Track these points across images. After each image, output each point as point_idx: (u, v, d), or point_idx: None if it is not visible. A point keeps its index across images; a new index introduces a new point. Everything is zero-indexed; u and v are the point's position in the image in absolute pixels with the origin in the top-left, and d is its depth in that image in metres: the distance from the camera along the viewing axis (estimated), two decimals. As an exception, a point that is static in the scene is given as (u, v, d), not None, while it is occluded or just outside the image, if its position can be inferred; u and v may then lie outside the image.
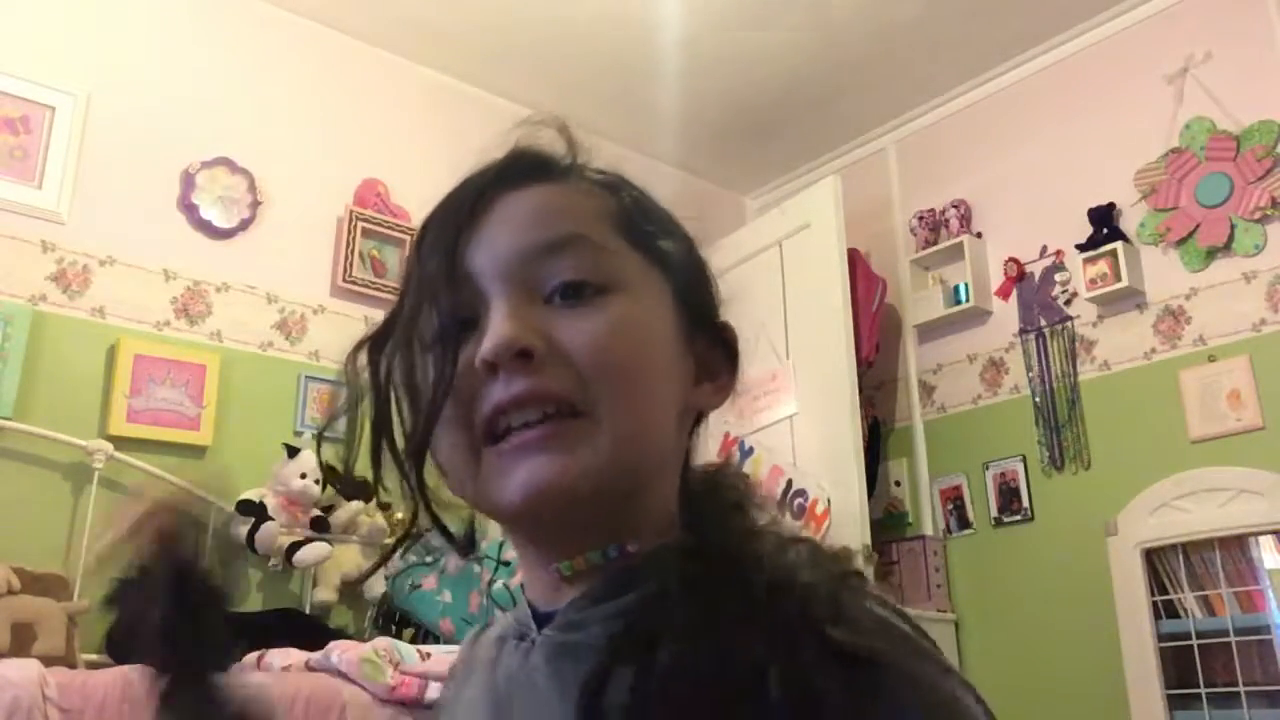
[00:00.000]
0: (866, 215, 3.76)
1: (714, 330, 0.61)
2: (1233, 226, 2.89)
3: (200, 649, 0.63)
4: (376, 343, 0.58)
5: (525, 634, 0.57)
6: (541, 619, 0.56)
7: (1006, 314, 3.44)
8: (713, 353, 0.60)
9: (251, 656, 2.14)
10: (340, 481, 2.83)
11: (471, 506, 0.55)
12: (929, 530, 3.49)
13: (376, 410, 0.57)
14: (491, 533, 2.96)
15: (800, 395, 3.33)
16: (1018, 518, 3.28)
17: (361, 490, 2.83)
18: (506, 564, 2.55)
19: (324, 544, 2.67)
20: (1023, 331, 3.37)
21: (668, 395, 0.55)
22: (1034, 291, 3.37)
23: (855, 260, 3.53)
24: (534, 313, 0.53)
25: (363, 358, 0.58)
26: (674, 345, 0.57)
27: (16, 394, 2.47)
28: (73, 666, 2.07)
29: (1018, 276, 3.42)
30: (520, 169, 0.58)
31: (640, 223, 0.58)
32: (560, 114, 0.63)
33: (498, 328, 0.52)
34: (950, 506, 3.47)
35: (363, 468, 0.58)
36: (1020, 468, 3.29)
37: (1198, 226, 2.97)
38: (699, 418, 0.61)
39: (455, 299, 0.54)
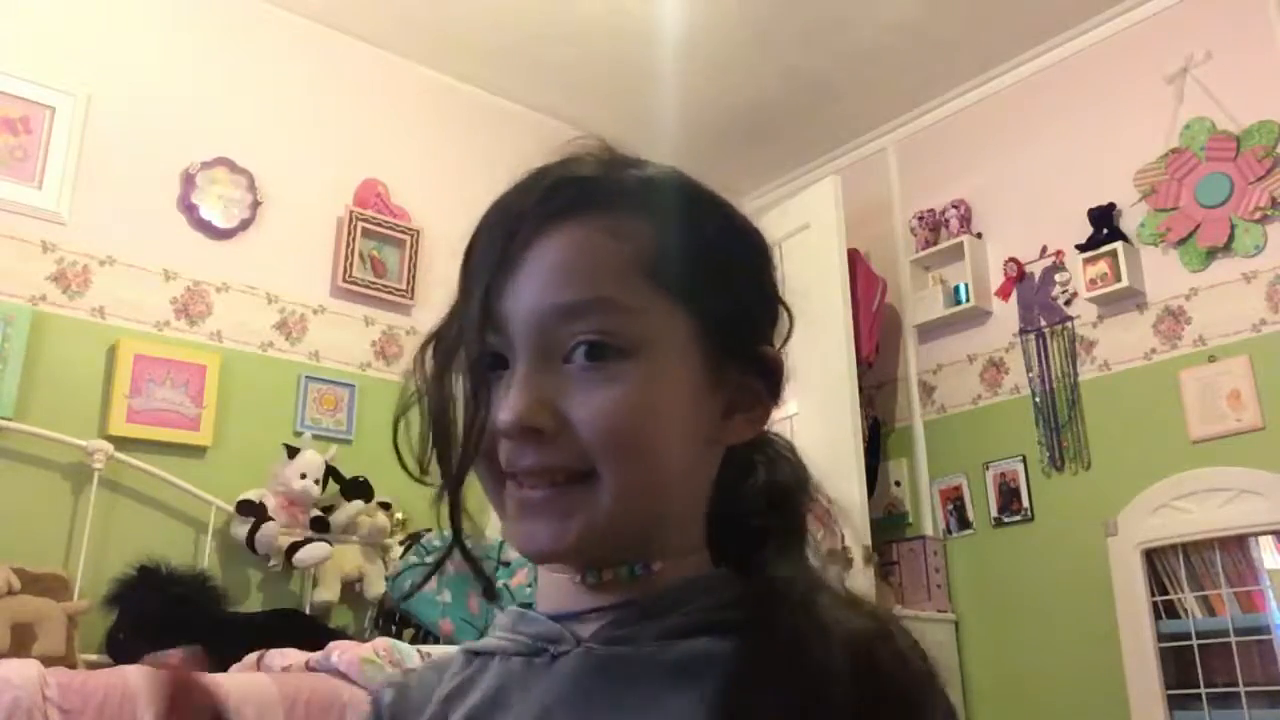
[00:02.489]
0: (866, 215, 3.76)
1: (753, 358, 0.60)
2: (1233, 226, 2.89)
3: None
4: (437, 347, 0.59)
5: (544, 649, 0.57)
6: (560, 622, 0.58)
7: (1006, 314, 3.44)
8: (748, 381, 0.59)
9: (251, 656, 2.14)
10: (341, 481, 2.83)
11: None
12: (929, 530, 3.49)
13: (435, 425, 0.58)
14: (492, 532, 2.97)
15: (800, 395, 3.33)
16: (1018, 518, 3.28)
17: (362, 490, 2.83)
18: (507, 564, 2.56)
19: (324, 544, 2.67)
20: (1023, 331, 3.37)
21: (683, 448, 0.56)
22: (1034, 291, 3.37)
23: (855, 260, 3.54)
24: (550, 380, 0.54)
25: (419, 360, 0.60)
26: (695, 396, 0.56)
27: (16, 394, 2.47)
28: (73, 666, 2.07)
29: (1018, 276, 3.42)
30: (558, 203, 0.57)
31: (674, 261, 0.56)
32: (601, 135, 0.62)
33: (512, 401, 0.53)
34: (950, 506, 3.47)
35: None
36: (1020, 468, 3.29)
37: (1198, 226, 2.97)
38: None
39: (486, 344, 0.56)
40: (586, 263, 0.55)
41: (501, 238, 0.57)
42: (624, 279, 0.55)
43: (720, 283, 0.58)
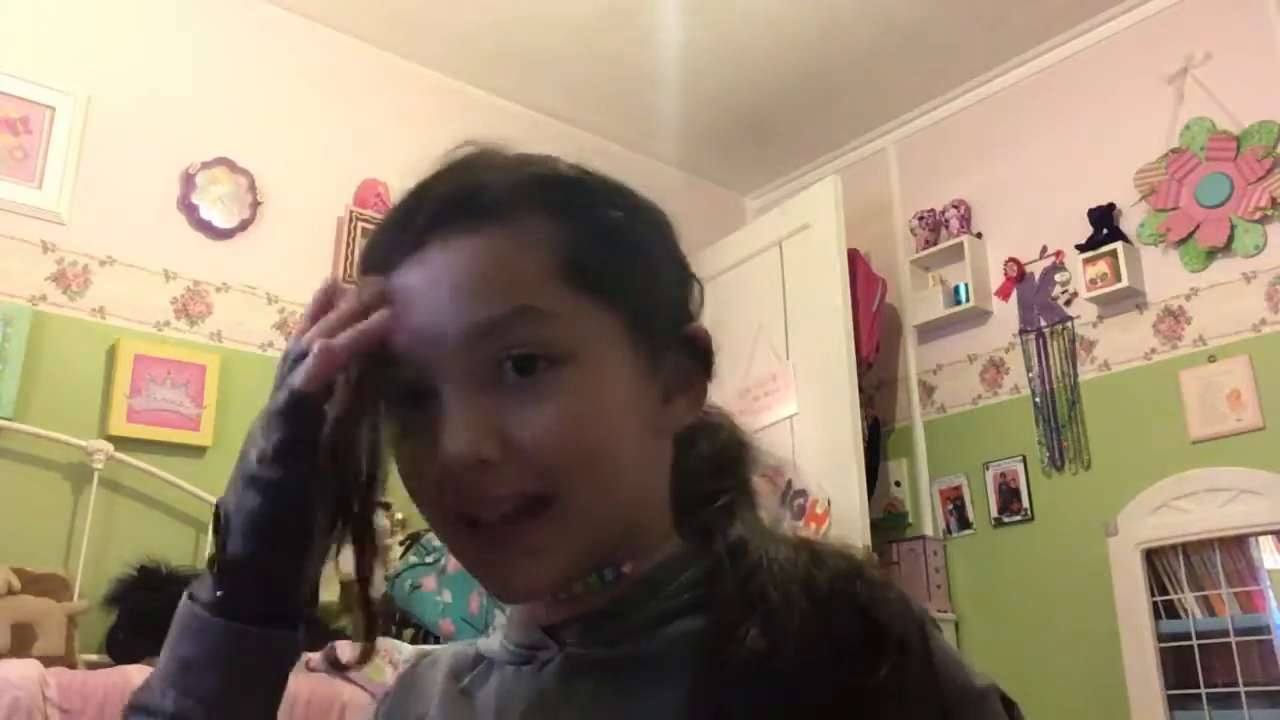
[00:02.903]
0: (866, 215, 3.75)
1: (682, 341, 0.58)
2: (1233, 227, 2.89)
3: None
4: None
5: (528, 657, 0.57)
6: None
7: (1006, 314, 3.44)
8: (681, 363, 0.57)
9: (251, 656, 2.14)
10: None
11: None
12: (929, 530, 3.49)
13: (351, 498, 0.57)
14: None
15: (800, 395, 3.33)
16: (1018, 518, 3.28)
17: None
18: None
19: (324, 544, 2.67)
20: (1023, 332, 3.37)
21: (635, 448, 0.54)
22: (1034, 292, 3.37)
23: (855, 260, 3.53)
24: (484, 403, 0.50)
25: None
26: (635, 391, 0.54)
27: (16, 394, 2.47)
28: (73, 666, 2.07)
29: (1018, 277, 3.42)
30: (449, 220, 0.53)
31: (590, 260, 0.53)
32: (497, 138, 0.59)
33: (454, 432, 0.50)
34: (950, 507, 3.47)
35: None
36: (1020, 468, 3.29)
37: (1198, 227, 2.97)
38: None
39: (404, 382, 0.53)
40: (499, 275, 0.52)
41: (386, 253, 0.54)
42: (540, 285, 0.52)
43: (637, 270, 0.56)
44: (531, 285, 0.52)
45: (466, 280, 0.52)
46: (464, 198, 0.54)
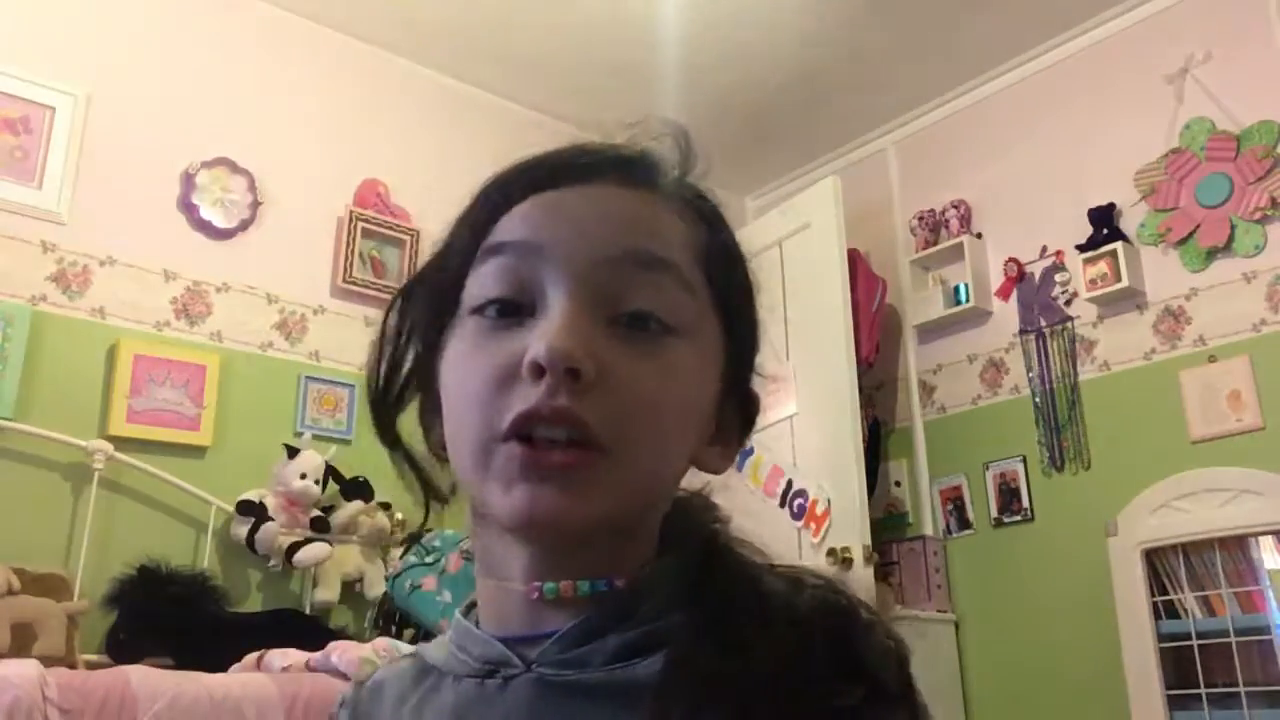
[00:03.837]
0: (866, 215, 3.75)
1: (744, 393, 0.58)
2: (1233, 227, 2.89)
3: None
4: (421, 290, 0.57)
5: (492, 671, 0.52)
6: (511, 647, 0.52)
7: (1006, 314, 3.44)
8: (730, 416, 0.57)
9: (251, 656, 2.14)
10: (341, 481, 2.83)
11: (468, 490, 0.52)
12: (929, 530, 3.49)
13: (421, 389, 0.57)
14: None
15: (800, 395, 3.33)
16: (1018, 518, 3.28)
17: (362, 490, 2.83)
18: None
19: (324, 544, 2.67)
20: (1023, 332, 3.37)
21: (688, 448, 0.54)
22: (1034, 292, 3.37)
23: (855, 260, 3.53)
24: (594, 331, 0.49)
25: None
26: (710, 404, 0.55)
27: (16, 394, 2.47)
28: (73, 666, 2.07)
29: (1018, 277, 3.42)
30: (632, 165, 0.55)
31: (722, 268, 0.56)
32: (680, 123, 0.61)
33: (559, 335, 0.48)
34: (950, 507, 3.47)
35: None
36: (1020, 468, 3.29)
37: (1198, 227, 2.97)
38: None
39: (510, 269, 0.52)
40: (662, 228, 0.53)
41: (552, 171, 0.54)
42: (687, 257, 0.53)
43: (746, 304, 0.58)
44: (680, 250, 0.53)
45: (632, 215, 0.53)
46: (649, 162, 0.56)
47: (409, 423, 0.57)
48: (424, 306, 0.56)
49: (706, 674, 0.46)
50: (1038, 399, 3.27)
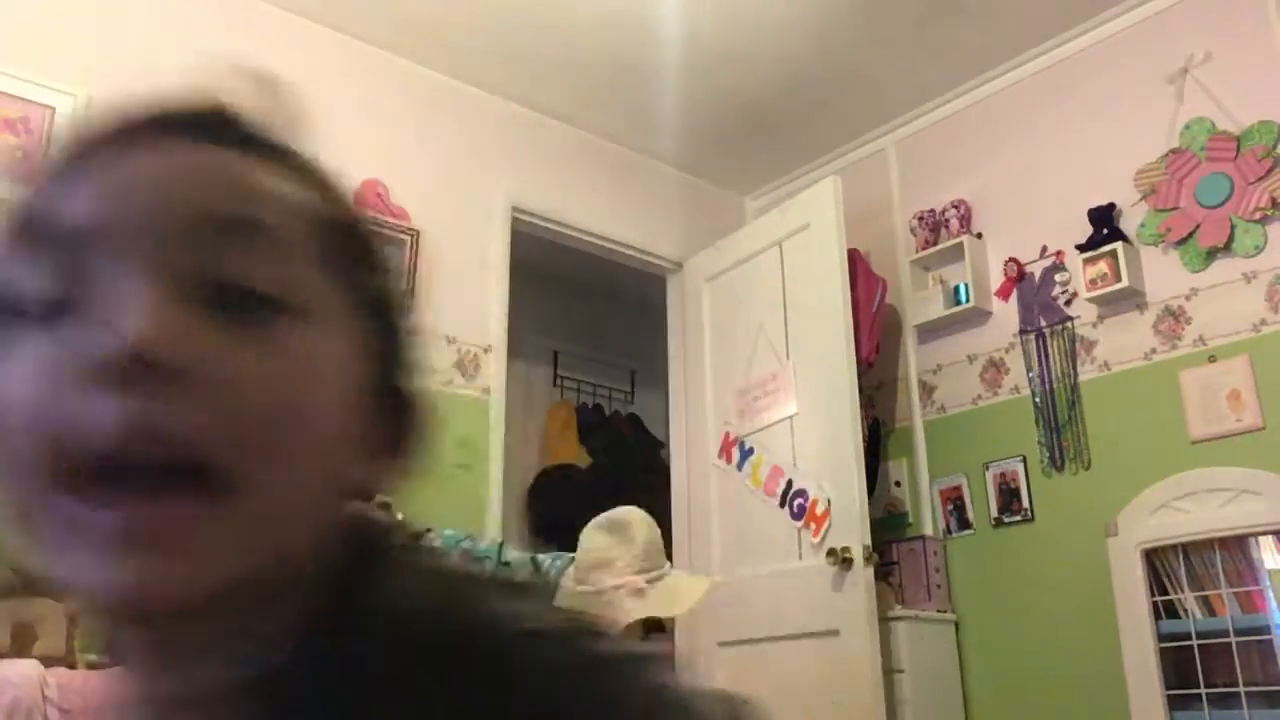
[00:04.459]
0: (866, 215, 3.76)
1: (395, 397, 0.45)
2: (1233, 227, 2.89)
3: None
4: None
5: None
6: None
7: (1006, 314, 3.44)
8: (383, 423, 0.43)
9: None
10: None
11: (26, 564, 0.38)
12: (929, 530, 3.49)
13: None
14: (491, 532, 2.96)
15: (800, 395, 3.33)
16: (1018, 518, 3.28)
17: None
18: (507, 564, 2.55)
19: (324, 544, 2.67)
20: (1023, 332, 3.37)
21: (339, 468, 0.40)
22: (1034, 292, 3.37)
23: (855, 260, 3.53)
24: (180, 318, 0.36)
25: None
26: (351, 404, 0.41)
27: (16, 394, 2.47)
28: (73, 667, 2.07)
29: (1018, 277, 3.42)
30: (212, 124, 0.42)
31: (346, 240, 0.43)
32: (269, 75, 0.47)
33: (133, 318, 0.35)
34: (950, 507, 3.47)
35: None
36: (1020, 468, 3.29)
37: (1198, 227, 2.97)
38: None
39: (36, 260, 0.37)
40: (253, 181, 0.41)
41: (107, 139, 0.42)
42: (296, 222, 0.41)
43: (380, 282, 0.46)
44: (282, 213, 0.41)
45: (204, 174, 0.40)
46: (229, 117, 0.43)
47: None
48: None
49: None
50: (1038, 399, 3.27)
